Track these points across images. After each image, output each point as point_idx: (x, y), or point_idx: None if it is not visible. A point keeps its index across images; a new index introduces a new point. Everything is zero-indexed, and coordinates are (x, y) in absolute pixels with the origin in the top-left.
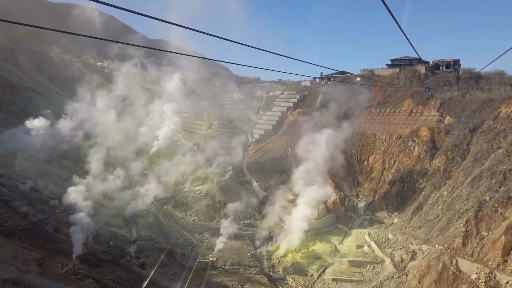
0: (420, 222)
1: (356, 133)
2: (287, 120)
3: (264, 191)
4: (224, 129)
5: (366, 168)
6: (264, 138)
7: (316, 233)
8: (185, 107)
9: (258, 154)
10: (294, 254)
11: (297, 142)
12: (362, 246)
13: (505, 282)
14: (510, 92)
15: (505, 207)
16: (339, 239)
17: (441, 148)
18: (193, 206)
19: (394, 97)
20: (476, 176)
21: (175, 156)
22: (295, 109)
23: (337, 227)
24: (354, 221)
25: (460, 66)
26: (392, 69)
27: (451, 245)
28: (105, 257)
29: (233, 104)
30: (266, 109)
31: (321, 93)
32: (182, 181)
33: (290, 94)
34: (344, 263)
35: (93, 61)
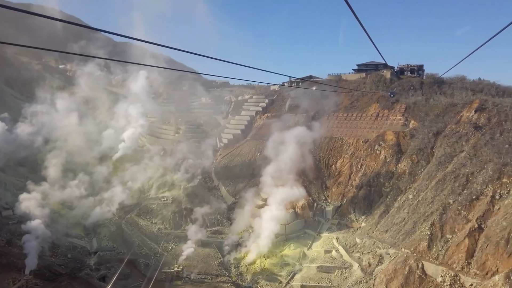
0: (386, 225)
1: (324, 137)
2: (256, 124)
3: (232, 197)
4: (192, 134)
5: (334, 172)
6: (233, 143)
7: (284, 239)
8: (152, 109)
9: (227, 159)
10: (262, 261)
11: (266, 146)
12: (331, 251)
13: (469, 284)
14: (471, 96)
15: (468, 210)
16: (307, 244)
17: (406, 152)
18: (159, 213)
19: (361, 101)
20: (440, 179)
21: (141, 162)
22: (264, 113)
23: (306, 232)
24: (322, 225)
25: (424, 71)
26: (359, 74)
27: (417, 248)
28: (62, 270)
29: (202, 108)
30: (235, 113)
31: (289, 97)
32: (148, 187)
33: (259, 98)
34: (312, 268)
35: (54, 63)
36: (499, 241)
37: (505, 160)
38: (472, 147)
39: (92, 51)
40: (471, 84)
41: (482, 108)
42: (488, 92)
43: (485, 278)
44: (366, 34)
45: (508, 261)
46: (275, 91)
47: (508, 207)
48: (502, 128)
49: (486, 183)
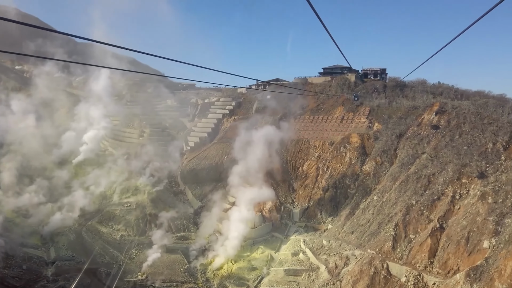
0: (352, 227)
1: (291, 140)
2: (223, 127)
3: (199, 201)
4: (157, 137)
5: (301, 175)
6: (199, 146)
7: (252, 243)
8: (115, 111)
9: (193, 163)
10: (229, 266)
11: (233, 148)
12: (298, 253)
13: (432, 283)
14: (432, 99)
15: (430, 210)
16: (275, 248)
17: (370, 154)
18: (122, 220)
19: (327, 104)
20: (403, 180)
21: (103, 166)
22: (231, 116)
23: (273, 235)
24: (289, 228)
25: (386, 75)
26: (324, 77)
27: (382, 249)
28: (16, 282)
29: (167, 111)
30: (201, 116)
31: (256, 100)
32: (110, 193)
33: (226, 101)
34: (280, 272)
35: (10, 64)
36: (460, 240)
37: (464, 161)
38: (433, 148)
39: (50, 50)
40: (431, 87)
41: (442, 110)
42: (447, 95)
43: (447, 277)
44: (331, 38)
45: (469, 259)
46: (242, 94)
47: (467, 207)
48: (461, 130)
49: (447, 184)
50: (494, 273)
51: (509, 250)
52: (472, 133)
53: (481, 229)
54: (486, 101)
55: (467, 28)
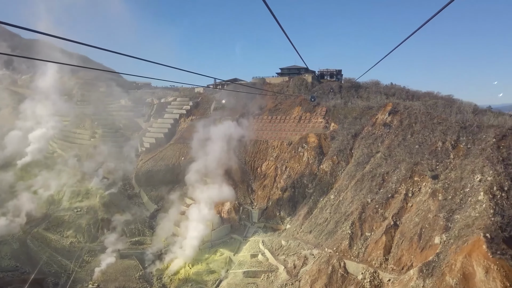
0: (310, 226)
1: (249, 140)
2: (180, 128)
3: (155, 204)
4: (110, 138)
5: (259, 175)
6: (155, 147)
7: (210, 245)
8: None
9: (149, 164)
10: (187, 270)
11: (191, 147)
12: (257, 255)
13: (387, 280)
14: (385, 100)
15: (385, 208)
16: (234, 250)
17: (327, 154)
18: (71, 226)
19: (284, 104)
20: (359, 179)
21: (52, 168)
22: (188, 116)
23: (232, 237)
24: (248, 229)
25: (342, 76)
26: (282, 78)
27: (339, 247)
28: None
29: (121, 110)
30: (157, 116)
31: (214, 100)
32: (59, 197)
33: (183, 101)
34: (238, 274)
35: None
36: (413, 236)
37: (416, 159)
38: (387, 148)
39: None
40: (384, 88)
41: (395, 111)
42: (399, 96)
43: (401, 273)
44: (288, 39)
45: (421, 255)
46: (199, 94)
47: (419, 204)
48: (412, 129)
49: (400, 182)
50: (445, 268)
51: (458, 245)
52: (423, 133)
53: (432, 226)
54: (436, 102)
55: (414, 32)
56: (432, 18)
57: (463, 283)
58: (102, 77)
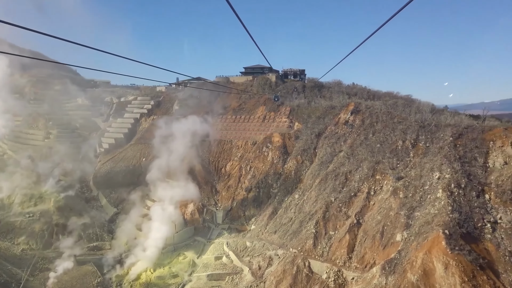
0: (275, 226)
1: (213, 140)
2: (141, 128)
3: (114, 207)
4: (66, 139)
5: (223, 176)
6: (114, 148)
7: (173, 249)
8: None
9: (108, 166)
10: (148, 275)
11: (152, 150)
12: (221, 257)
13: (351, 278)
14: (347, 100)
15: (348, 206)
16: (197, 253)
17: (291, 153)
18: (23, 232)
19: (249, 104)
20: (323, 178)
21: (1, 172)
22: (149, 116)
23: (196, 239)
24: (212, 231)
25: (305, 76)
26: (246, 77)
27: (304, 247)
28: None
29: (78, 110)
30: (117, 115)
31: (177, 99)
32: (9, 202)
33: (144, 100)
34: (202, 278)
35: None
36: (375, 234)
37: (377, 158)
38: (350, 147)
39: None
40: (346, 88)
41: (357, 110)
42: (361, 96)
43: (365, 271)
44: (251, 38)
45: (384, 253)
46: (161, 93)
47: (381, 202)
48: (374, 129)
49: (362, 180)
50: (407, 264)
51: (419, 242)
52: (384, 132)
53: (394, 223)
54: (396, 101)
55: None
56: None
57: (424, 279)
58: (57, 74)
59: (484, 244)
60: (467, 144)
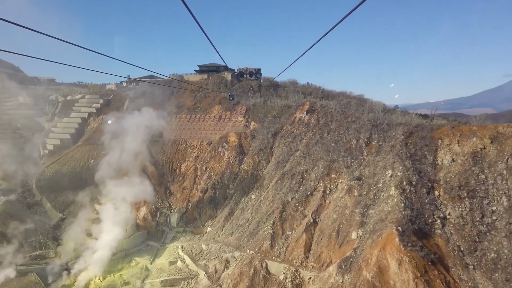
0: (232, 228)
1: (167, 140)
2: (89, 128)
3: (60, 213)
4: (5, 140)
5: (178, 177)
6: (60, 149)
7: (124, 255)
8: None
9: (53, 168)
10: (97, 283)
11: (101, 151)
12: (176, 261)
13: (308, 278)
14: (302, 99)
15: (304, 206)
16: (150, 258)
17: (248, 153)
18: None
19: (204, 103)
20: (279, 178)
21: None
22: (98, 115)
23: (149, 244)
24: (166, 235)
25: (261, 75)
26: (201, 75)
27: (261, 248)
28: None
29: (19, 109)
30: (62, 115)
31: (128, 98)
32: None
33: (92, 98)
34: (156, 284)
35: None
36: (331, 233)
37: (332, 157)
38: (305, 146)
39: None
40: (301, 87)
41: (312, 109)
42: (316, 95)
43: (321, 270)
44: (206, 36)
45: (340, 251)
46: (111, 91)
47: (337, 201)
48: (329, 128)
49: (318, 179)
50: (362, 262)
51: (373, 240)
52: (338, 131)
53: (349, 221)
54: (349, 101)
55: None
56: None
57: (379, 276)
58: None
59: (434, 239)
60: (417, 143)
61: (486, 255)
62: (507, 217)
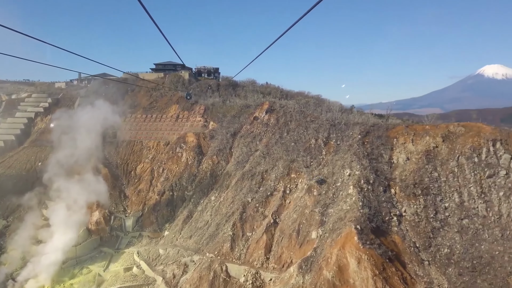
0: (191, 231)
1: (121, 141)
2: (36, 128)
3: (4, 220)
4: None
5: (133, 179)
6: (4, 151)
7: (75, 263)
8: None
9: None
10: None
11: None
12: (131, 268)
13: (269, 279)
14: (262, 99)
15: (265, 206)
16: (104, 265)
17: (207, 153)
18: None
19: (160, 102)
20: (239, 178)
21: None
22: (46, 115)
23: (102, 251)
24: (121, 240)
25: (220, 74)
26: (157, 73)
27: (221, 251)
28: None
29: None
30: (7, 115)
31: (79, 96)
32: None
33: (40, 97)
34: None
35: None
36: (292, 233)
37: (292, 157)
38: (265, 146)
39: None
40: (260, 87)
41: (272, 109)
42: (275, 95)
43: (282, 271)
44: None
45: (300, 251)
46: (60, 89)
47: (297, 200)
48: (288, 127)
49: (278, 179)
50: (322, 262)
51: (333, 239)
52: (298, 130)
53: (309, 221)
54: (308, 101)
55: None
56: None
57: (339, 275)
58: None
59: (391, 236)
60: (373, 142)
61: (440, 251)
62: (458, 213)
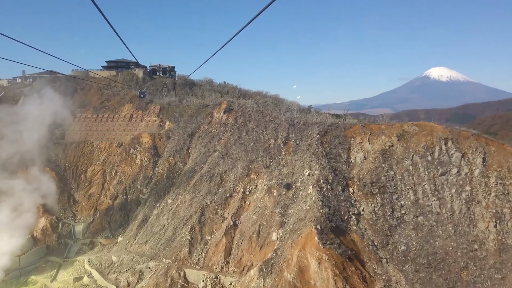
0: (146, 236)
1: (70, 142)
2: None
3: None
4: None
5: (84, 183)
6: None
7: (19, 274)
8: None
9: None
10: None
11: None
12: (82, 277)
13: (228, 283)
14: (219, 98)
15: (224, 208)
16: (51, 276)
17: (163, 155)
18: None
19: (112, 101)
20: (197, 180)
21: None
22: None
23: (49, 260)
24: (70, 248)
25: (176, 73)
26: (109, 71)
27: (178, 256)
28: None
29: None
30: None
31: (23, 95)
32: None
33: None
34: None
35: None
36: (252, 235)
37: (251, 157)
38: (224, 146)
39: None
40: (218, 86)
41: (230, 109)
42: (233, 94)
43: (242, 274)
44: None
45: (260, 253)
46: (3, 88)
47: (256, 201)
48: (247, 127)
49: (238, 180)
50: (283, 263)
51: (294, 240)
52: (257, 130)
53: (269, 222)
54: (266, 100)
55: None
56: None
57: (300, 277)
58: None
59: (350, 235)
60: (332, 141)
61: (397, 248)
62: (414, 210)
